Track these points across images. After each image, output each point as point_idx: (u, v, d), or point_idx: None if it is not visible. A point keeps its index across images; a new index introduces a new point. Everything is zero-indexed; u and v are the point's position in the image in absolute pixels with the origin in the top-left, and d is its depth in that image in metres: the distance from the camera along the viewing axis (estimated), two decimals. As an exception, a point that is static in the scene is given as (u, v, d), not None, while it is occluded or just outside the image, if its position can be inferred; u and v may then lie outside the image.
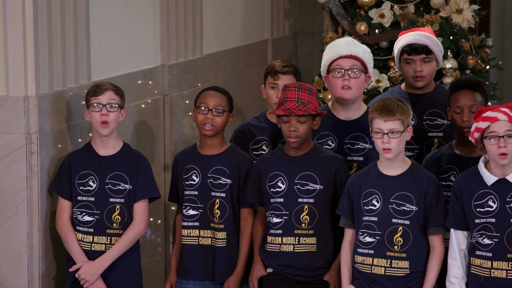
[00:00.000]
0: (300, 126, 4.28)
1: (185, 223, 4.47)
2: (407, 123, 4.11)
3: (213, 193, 4.44)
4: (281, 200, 4.35)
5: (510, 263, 3.96)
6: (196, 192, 4.45)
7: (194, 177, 4.46)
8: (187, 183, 4.46)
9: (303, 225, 4.32)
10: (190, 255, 4.46)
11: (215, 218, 4.43)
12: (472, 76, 5.25)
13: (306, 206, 4.33)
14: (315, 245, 4.32)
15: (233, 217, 4.44)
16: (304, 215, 4.33)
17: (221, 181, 4.44)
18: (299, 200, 4.33)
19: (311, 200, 4.32)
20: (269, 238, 4.39)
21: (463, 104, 4.32)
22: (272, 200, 4.37)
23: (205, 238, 4.45)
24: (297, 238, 4.33)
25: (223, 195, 4.44)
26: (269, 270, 4.41)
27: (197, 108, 4.43)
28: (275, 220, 4.36)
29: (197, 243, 4.45)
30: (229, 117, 4.47)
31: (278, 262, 4.36)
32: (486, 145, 3.98)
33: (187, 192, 4.46)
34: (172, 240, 4.57)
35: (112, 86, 4.29)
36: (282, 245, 4.34)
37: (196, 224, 4.45)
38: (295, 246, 4.33)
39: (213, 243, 4.44)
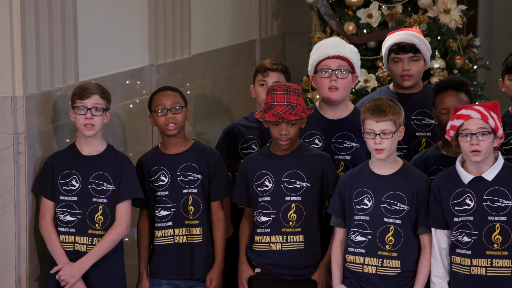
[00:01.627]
0: (290, 128, 4.30)
1: (158, 224, 4.47)
2: (399, 123, 4.12)
3: (185, 190, 4.44)
4: (269, 198, 4.36)
5: (489, 260, 3.99)
6: (167, 192, 4.45)
7: (162, 178, 4.46)
8: (156, 184, 4.46)
9: (290, 223, 4.33)
10: (165, 255, 4.45)
11: (189, 215, 4.44)
12: (456, 76, 5.27)
13: (293, 204, 4.33)
14: (303, 243, 4.33)
15: (206, 212, 4.46)
16: (291, 213, 4.33)
17: (191, 177, 4.45)
18: (286, 198, 4.34)
19: (298, 198, 4.33)
20: (257, 238, 4.39)
21: (449, 105, 4.33)
22: (259, 199, 4.38)
23: (180, 237, 4.45)
24: (284, 236, 4.33)
25: (195, 191, 4.44)
26: (257, 270, 4.42)
27: (154, 112, 4.44)
28: (263, 219, 4.37)
29: (172, 242, 4.45)
30: (186, 112, 4.49)
31: (266, 261, 4.36)
32: (460, 142, 4.02)
33: (157, 194, 4.46)
34: (138, 247, 4.53)
35: (98, 89, 4.27)
36: (271, 244, 4.35)
37: (170, 223, 4.45)
38: (283, 244, 4.33)
39: (189, 240, 4.44)
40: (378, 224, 4.14)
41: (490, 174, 4.02)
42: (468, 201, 4.03)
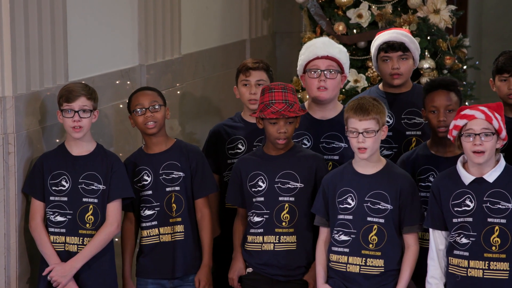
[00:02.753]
0: (288, 127, 4.31)
1: (144, 224, 4.47)
2: (382, 122, 4.13)
3: (167, 189, 4.45)
4: (262, 199, 4.36)
5: (486, 262, 3.97)
6: (150, 192, 4.46)
7: (146, 177, 4.46)
8: (140, 184, 4.46)
9: (283, 223, 4.34)
10: (151, 255, 4.46)
11: (172, 213, 4.45)
12: (446, 77, 5.29)
13: (286, 205, 4.34)
14: (295, 243, 4.33)
15: (188, 210, 4.46)
16: (284, 214, 4.34)
17: (174, 175, 4.45)
18: (280, 198, 4.34)
19: (292, 199, 4.34)
20: (250, 238, 4.39)
21: (439, 104, 4.34)
22: (253, 200, 4.38)
23: (165, 235, 4.46)
24: (277, 236, 4.34)
25: (177, 188, 4.45)
26: (249, 270, 4.42)
27: (133, 112, 4.45)
28: (256, 219, 4.37)
29: (158, 241, 4.46)
30: (166, 110, 4.49)
31: (259, 261, 4.36)
32: (462, 142, 4.01)
33: (141, 194, 4.46)
34: (122, 251, 4.52)
35: (85, 91, 4.26)
36: (263, 244, 4.35)
37: (154, 223, 4.45)
38: (276, 244, 4.34)
39: (173, 239, 4.45)
40: (361, 223, 4.14)
41: (491, 176, 4.01)
42: (468, 202, 4.02)
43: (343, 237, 4.17)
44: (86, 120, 4.25)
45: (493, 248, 3.97)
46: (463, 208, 4.03)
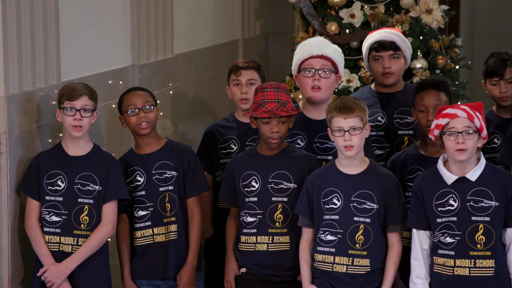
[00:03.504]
0: (281, 126, 4.31)
1: (137, 225, 4.47)
2: (365, 120, 4.15)
3: (161, 189, 4.45)
4: (255, 199, 4.36)
5: (472, 260, 4.00)
6: (144, 192, 4.45)
7: (138, 178, 4.46)
8: (132, 185, 4.46)
9: (277, 224, 4.34)
10: (145, 255, 4.45)
11: (166, 212, 4.45)
12: (437, 77, 5.30)
13: (280, 205, 4.34)
14: (288, 244, 4.34)
15: (181, 209, 4.46)
16: (278, 214, 4.34)
17: (166, 175, 4.45)
18: (273, 199, 4.34)
19: (285, 199, 4.34)
20: (243, 238, 4.39)
21: (429, 103, 4.35)
22: (246, 200, 4.38)
23: (160, 235, 4.45)
24: (271, 237, 4.34)
25: (171, 188, 4.45)
26: (243, 270, 4.42)
27: (126, 112, 4.44)
28: (249, 219, 4.37)
29: (152, 241, 4.45)
30: (157, 110, 4.50)
31: (252, 262, 4.36)
32: (444, 141, 4.03)
33: (134, 194, 4.45)
34: (119, 252, 4.51)
35: (87, 90, 4.27)
36: (257, 244, 4.35)
37: (148, 223, 4.45)
38: (269, 245, 4.34)
39: (166, 239, 4.45)
40: (348, 223, 4.15)
41: (473, 175, 4.03)
42: (451, 202, 4.04)
43: (330, 237, 4.17)
44: (87, 119, 4.25)
45: (478, 246, 4.00)
46: (447, 207, 4.05)
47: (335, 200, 4.17)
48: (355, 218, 4.15)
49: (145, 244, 4.46)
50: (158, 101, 4.59)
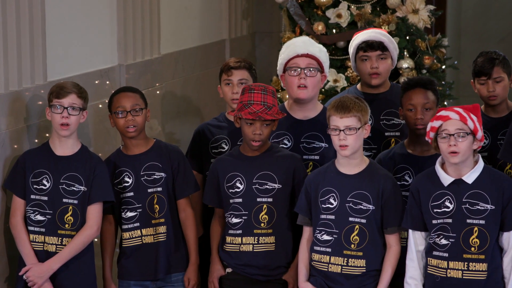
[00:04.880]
0: (264, 129, 4.30)
1: (125, 226, 4.45)
2: (364, 120, 4.14)
3: (149, 190, 4.44)
4: (240, 200, 4.36)
5: (465, 263, 4.00)
6: (132, 193, 4.44)
7: (127, 179, 4.45)
8: (120, 186, 4.45)
9: (262, 224, 4.34)
10: (133, 256, 4.44)
11: (155, 214, 4.44)
12: (424, 76, 5.31)
13: (265, 206, 4.34)
14: (274, 244, 4.34)
15: (170, 210, 4.46)
16: (263, 215, 4.34)
17: (155, 176, 4.44)
18: (258, 199, 4.34)
19: (270, 200, 4.34)
20: (229, 238, 4.39)
21: (416, 102, 4.36)
22: (231, 201, 4.37)
23: (148, 236, 4.45)
24: (256, 238, 4.34)
25: (159, 189, 4.44)
26: (228, 270, 4.42)
27: (114, 113, 4.43)
28: (235, 220, 4.37)
29: (140, 243, 4.45)
30: (147, 112, 4.49)
31: (238, 262, 4.36)
32: (439, 143, 4.03)
33: (122, 195, 4.45)
34: (102, 253, 4.50)
35: (76, 88, 4.26)
36: (242, 245, 4.35)
37: (137, 224, 4.44)
38: (254, 246, 4.34)
39: (155, 240, 4.44)
40: (343, 223, 4.15)
41: (470, 177, 4.03)
42: (447, 204, 4.04)
43: (326, 237, 4.17)
44: (75, 117, 4.23)
45: (472, 249, 3.99)
46: (443, 209, 4.04)
47: (331, 200, 4.18)
48: (351, 219, 4.15)
49: (133, 245, 4.45)
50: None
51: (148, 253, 4.44)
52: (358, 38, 4.78)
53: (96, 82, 4.99)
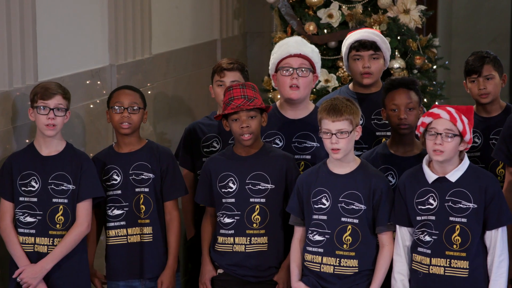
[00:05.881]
0: (251, 121, 4.29)
1: (111, 224, 4.45)
2: (355, 122, 4.14)
3: (137, 189, 4.43)
4: (233, 200, 4.36)
5: (447, 260, 4.02)
6: (120, 191, 4.44)
7: (115, 177, 4.44)
8: (109, 183, 4.44)
9: (254, 225, 4.33)
10: (119, 256, 4.44)
11: (141, 214, 4.43)
12: (406, 76, 5.34)
13: (257, 206, 4.33)
14: (266, 245, 4.33)
15: (157, 211, 4.45)
16: (255, 215, 4.34)
17: (143, 176, 4.44)
18: (251, 200, 4.34)
19: (263, 200, 4.33)
20: (220, 238, 4.38)
21: (400, 102, 4.38)
22: (223, 201, 4.37)
23: (134, 236, 4.44)
24: (248, 238, 4.33)
25: (146, 190, 4.43)
26: (220, 271, 4.41)
27: (111, 108, 4.43)
28: (227, 220, 4.36)
29: (125, 242, 4.44)
30: (144, 114, 4.48)
31: (229, 262, 4.36)
32: (426, 139, 4.05)
33: (109, 193, 4.44)
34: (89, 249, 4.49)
35: (60, 89, 4.26)
36: (234, 245, 4.35)
37: (123, 223, 4.43)
38: (247, 246, 4.33)
39: (141, 240, 4.43)
40: (335, 223, 4.15)
41: (454, 175, 4.05)
42: (431, 201, 4.06)
43: (318, 237, 4.17)
44: (60, 118, 4.23)
45: (454, 246, 4.02)
46: (427, 206, 4.07)
47: (324, 200, 4.18)
48: (343, 219, 4.16)
49: (118, 244, 4.44)
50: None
51: (133, 253, 4.43)
52: (351, 37, 4.79)
53: (87, 82, 4.98)
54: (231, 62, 4.74)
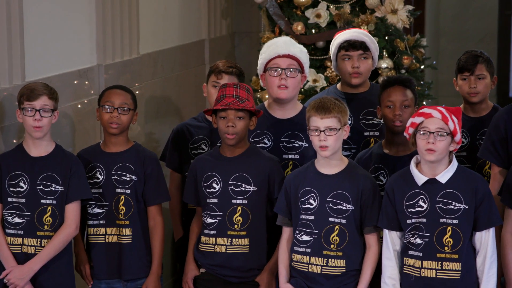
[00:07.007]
0: (237, 122, 4.29)
1: (91, 222, 4.45)
2: (343, 121, 4.15)
3: (117, 190, 4.42)
4: (216, 200, 4.36)
5: (439, 262, 4.01)
6: (101, 190, 4.43)
7: (98, 175, 4.44)
8: (91, 181, 4.43)
9: (236, 226, 4.33)
10: (99, 255, 4.44)
11: (120, 215, 4.42)
12: (402, 75, 5.35)
13: (239, 207, 4.33)
14: (248, 246, 4.33)
15: (138, 214, 4.44)
16: (237, 216, 4.33)
17: (125, 178, 4.43)
18: (233, 201, 4.34)
19: (245, 202, 4.34)
20: (203, 238, 4.39)
21: (395, 99, 4.39)
22: (207, 200, 4.38)
23: (111, 236, 4.44)
24: (229, 239, 4.33)
25: (127, 191, 4.43)
26: (202, 270, 4.42)
27: (102, 107, 4.43)
28: (210, 220, 4.36)
29: (103, 241, 4.44)
30: (134, 115, 4.47)
31: (211, 262, 4.36)
32: (417, 140, 4.05)
33: (92, 190, 4.42)
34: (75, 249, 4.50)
35: (47, 90, 4.24)
36: (216, 246, 4.35)
37: (102, 222, 4.43)
38: (227, 247, 4.33)
39: (119, 240, 4.43)
40: (323, 223, 4.15)
41: (444, 177, 4.04)
42: (421, 203, 4.06)
43: (305, 237, 4.18)
44: (47, 119, 4.22)
45: (446, 248, 4.01)
46: (417, 208, 4.06)
47: (311, 200, 4.18)
48: (330, 219, 4.16)
49: (98, 242, 4.43)
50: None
51: (112, 252, 4.43)
52: (340, 37, 4.79)
53: (75, 82, 4.97)
54: (231, 66, 4.75)
